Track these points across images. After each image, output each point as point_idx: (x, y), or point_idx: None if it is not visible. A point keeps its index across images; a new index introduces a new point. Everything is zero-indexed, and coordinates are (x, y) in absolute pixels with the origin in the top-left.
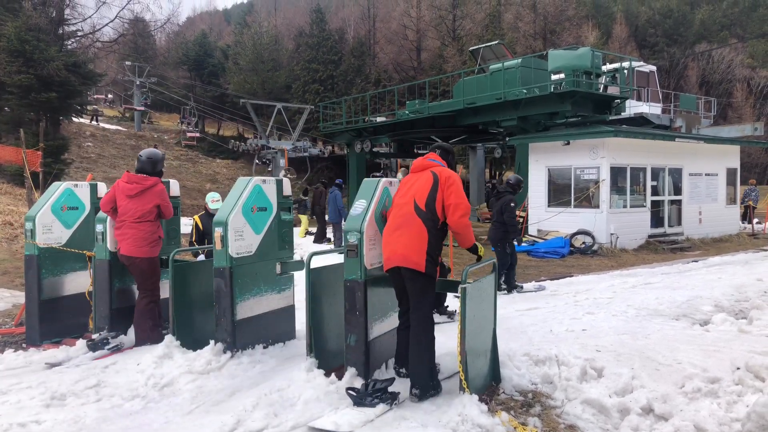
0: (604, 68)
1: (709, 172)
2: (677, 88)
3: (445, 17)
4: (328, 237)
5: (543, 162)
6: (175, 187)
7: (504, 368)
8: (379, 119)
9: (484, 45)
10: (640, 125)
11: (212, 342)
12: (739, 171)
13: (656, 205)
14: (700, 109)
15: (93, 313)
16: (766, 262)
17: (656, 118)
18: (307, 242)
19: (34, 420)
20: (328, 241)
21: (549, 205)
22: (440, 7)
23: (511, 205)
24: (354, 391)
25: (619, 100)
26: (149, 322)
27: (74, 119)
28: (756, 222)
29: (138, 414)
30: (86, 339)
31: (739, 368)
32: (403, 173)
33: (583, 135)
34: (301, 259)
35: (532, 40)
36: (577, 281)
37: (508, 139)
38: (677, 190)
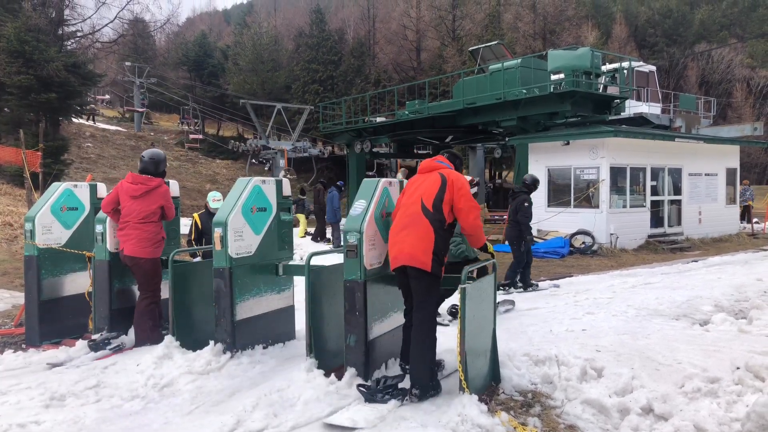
0: (604, 68)
1: (709, 172)
2: (677, 88)
3: (444, 17)
4: (327, 237)
5: (543, 162)
6: (174, 188)
7: (504, 368)
8: (378, 119)
9: (483, 45)
10: (640, 125)
11: (212, 342)
12: (738, 171)
13: (656, 205)
14: (700, 109)
15: (93, 314)
16: (766, 262)
17: (656, 118)
18: (307, 242)
19: (33, 420)
20: (327, 241)
21: (549, 205)
22: (440, 8)
23: (525, 204)
24: (365, 388)
25: (618, 100)
26: (149, 322)
27: (74, 120)
28: (755, 222)
29: (138, 414)
30: (86, 339)
31: (738, 368)
32: (403, 173)
33: (583, 135)
34: (300, 259)
35: (531, 40)
36: (576, 281)
37: (507, 139)
38: (677, 190)
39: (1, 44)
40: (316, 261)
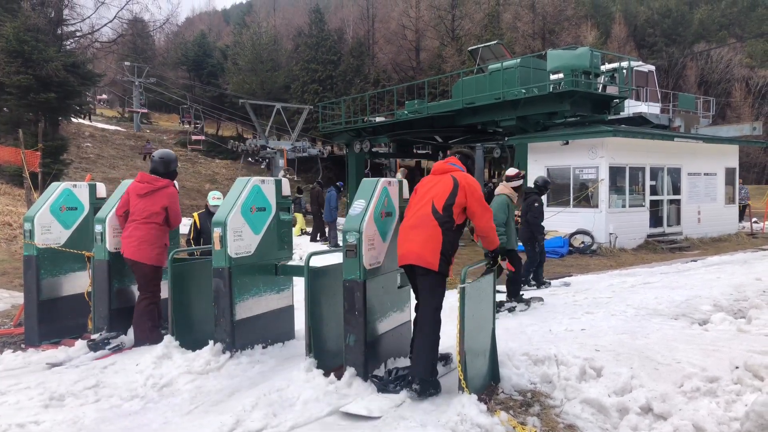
0: (603, 68)
1: (708, 172)
2: (676, 87)
3: (444, 17)
4: (325, 236)
5: (542, 162)
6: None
7: (503, 368)
8: (378, 119)
9: (483, 45)
10: (639, 125)
11: (211, 342)
12: (737, 170)
13: (655, 205)
14: (699, 109)
15: (92, 314)
16: (765, 262)
17: (655, 117)
18: (307, 242)
19: (32, 420)
20: (324, 240)
21: (548, 205)
22: (439, 7)
23: (536, 205)
24: (377, 379)
25: (617, 100)
26: (148, 323)
27: (73, 119)
28: (754, 221)
29: (137, 414)
30: (86, 339)
31: (737, 367)
32: (402, 173)
33: (582, 135)
34: (300, 259)
35: (530, 40)
36: (576, 281)
37: (507, 138)
38: (676, 190)
39: (0, 44)
40: (315, 261)
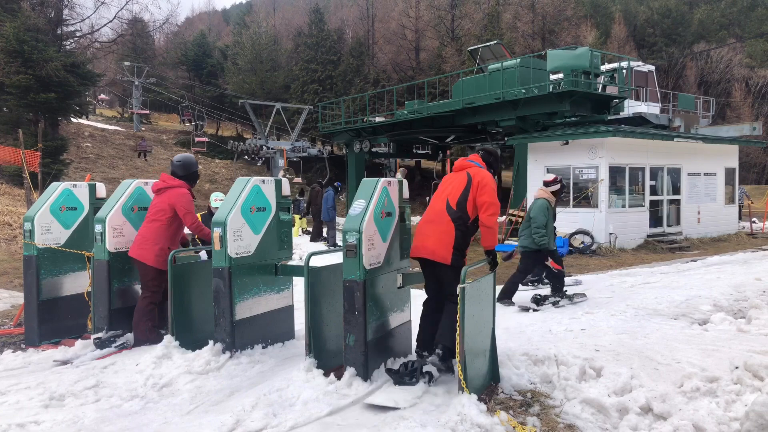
0: (603, 68)
1: (708, 172)
2: (676, 87)
3: (443, 17)
4: (323, 236)
5: (542, 162)
6: None
7: (503, 368)
8: (377, 119)
9: (482, 45)
10: (639, 125)
11: (211, 342)
12: (737, 170)
13: (655, 205)
14: (699, 109)
15: (92, 314)
16: (765, 262)
17: (655, 117)
18: (307, 242)
19: (32, 421)
20: (324, 240)
21: None
22: (439, 7)
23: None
24: (393, 373)
25: (617, 100)
26: (148, 323)
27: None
28: (754, 221)
29: (137, 414)
30: (86, 339)
31: (737, 367)
32: (402, 173)
33: (582, 135)
34: (300, 259)
35: (530, 39)
36: (575, 281)
37: (507, 139)
38: (676, 190)
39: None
40: (315, 261)
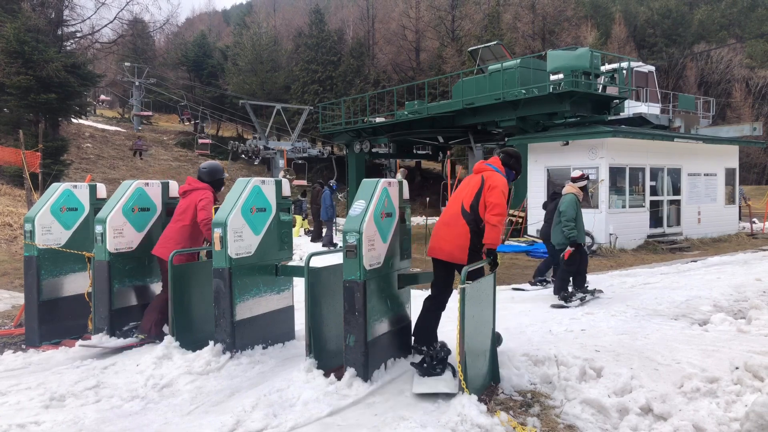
0: (603, 68)
1: (708, 172)
2: (676, 88)
3: (444, 18)
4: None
5: (542, 162)
6: (174, 188)
7: (503, 368)
8: (378, 120)
9: (482, 45)
10: (639, 125)
11: (211, 343)
12: (738, 171)
13: (655, 205)
14: (699, 109)
15: (92, 314)
16: (765, 262)
17: (655, 118)
18: (307, 243)
19: (33, 421)
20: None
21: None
22: (439, 8)
23: None
24: (418, 365)
25: (617, 101)
26: (158, 316)
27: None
28: (754, 221)
29: (137, 415)
30: (86, 339)
31: (737, 368)
32: (402, 174)
33: (582, 135)
34: (300, 259)
35: (530, 40)
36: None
37: (507, 139)
38: (676, 190)
39: (0, 44)
40: (315, 261)
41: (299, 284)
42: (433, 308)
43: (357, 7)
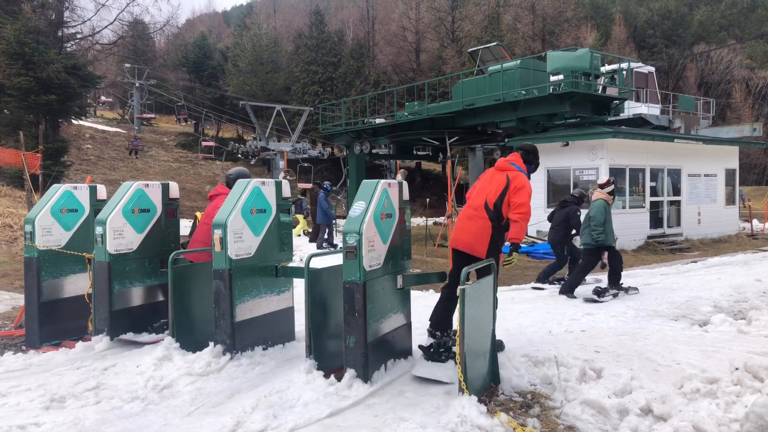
0: (603, 69)
1: (708, 173)
2: (676, 89)
3: (444, 19)
4: (326, 238)
5: (542, 163)
6: (174, 189)
7: (503, 369)
8: (378, 121)
9: (482, 46)
10: (639, 126)
11: (211, 344)
12: (738, 172)
13: (655, 206)
14: (699, 110)
15: (92, 316)
16: (765, 263)
17: (655, 119)
18: (307, 244)
19: (33, 422)
20: (324, 241)
21: (548, 206)
22: (439, 9)
23: (577, 213)
24: (425, 349)
25: (617, 101)
26: None
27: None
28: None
29: (137, 416)
30: (86, 341)
31: (737, 369)
32: (403, 174)
33: (582, 136)
34: (300, 260)
35: (530, 41)
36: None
37: (507, 140)
38: (676, 191)
39: (0, 46)
40: (315, 262)
41: (299, 285)
42: (451, 296)
43: (357, 8)
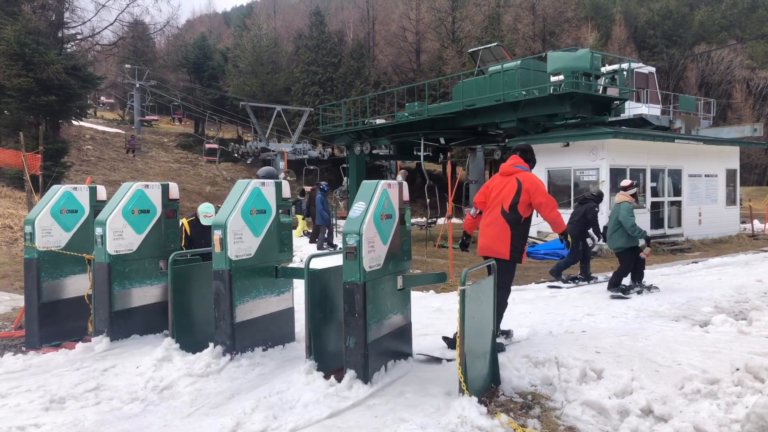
0: (604, 70)
1: (709, 173)
2: (676, 89)
3: (444, 19)
4: (326, 239)
5: (542, 163)
6: (174, 190)
7: (503, 370)
8: (378, 121)
9: (483, 47)
10: (640, 126)
11: (211, 345)
12: (738, 172)
13: (656, 207)
14: (700, 110)
15: (92, 317)
16: (766, 263)
17: (655, 119)
18: (307, 244)
19: (33, 423)
20: (325, 242)
21: None
22: (439, 9)
23: (596, 210)
24: (449, 340)
25: (618, 102)
26: None
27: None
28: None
29: (137, 417)
30: (86, 342)
31: (738, 369)
32: (403, 175)
33: (583, 136)
34: (300, 261)
35: (531, 41)
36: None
37: (507, 140)
38: (677, 191)
39: (1, 47)
40: (315, 263)
41: (299, 286)
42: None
43: (357, 8)
